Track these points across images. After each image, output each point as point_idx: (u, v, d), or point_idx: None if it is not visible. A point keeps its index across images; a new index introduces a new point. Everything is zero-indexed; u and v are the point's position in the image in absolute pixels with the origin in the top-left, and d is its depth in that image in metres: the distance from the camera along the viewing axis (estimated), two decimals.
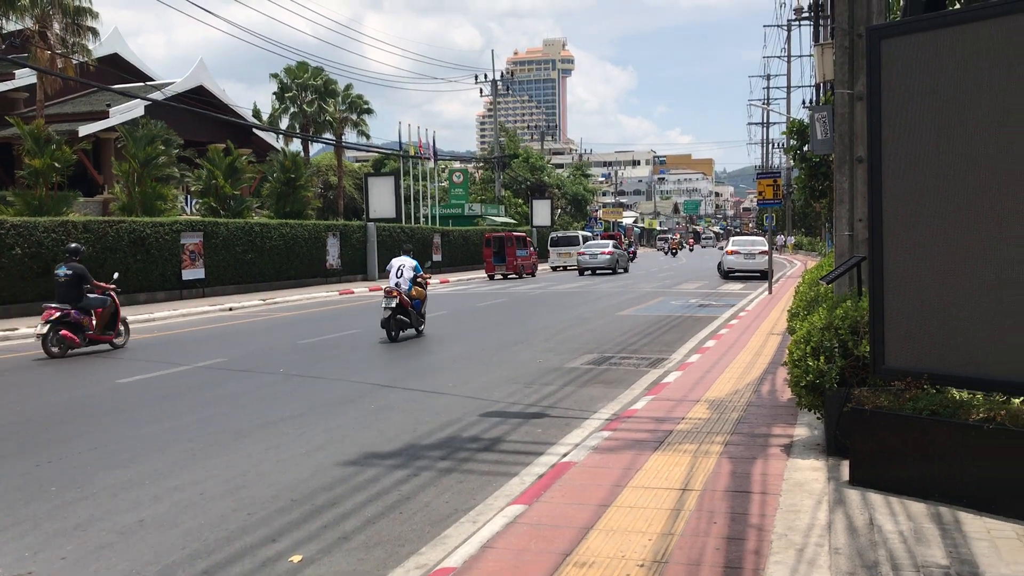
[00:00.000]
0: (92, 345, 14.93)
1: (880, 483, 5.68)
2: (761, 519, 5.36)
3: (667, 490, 6.01)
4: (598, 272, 41.84)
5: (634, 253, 56.06)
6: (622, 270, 43.22)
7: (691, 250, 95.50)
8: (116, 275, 16.27)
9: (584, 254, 42.24)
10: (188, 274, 26.61)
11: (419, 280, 16.30)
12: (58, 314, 14.19)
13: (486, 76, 60.48)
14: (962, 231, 5.51)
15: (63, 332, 14.25)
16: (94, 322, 14.80)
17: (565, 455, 7.14)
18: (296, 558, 5.16)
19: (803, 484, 5.99)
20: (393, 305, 15.46)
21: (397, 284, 15.77)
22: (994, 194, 5.36)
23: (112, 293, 15.21)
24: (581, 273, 41.76)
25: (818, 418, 7.22)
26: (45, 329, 14.10)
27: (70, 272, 14.59)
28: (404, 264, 16.10)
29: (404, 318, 15.83)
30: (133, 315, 20.71)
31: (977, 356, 5.48)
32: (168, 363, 13.22)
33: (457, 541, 5.21)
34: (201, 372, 12.34)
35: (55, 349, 14.20)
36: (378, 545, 5.36)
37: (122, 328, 15.48)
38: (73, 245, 15.25)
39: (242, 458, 7.47)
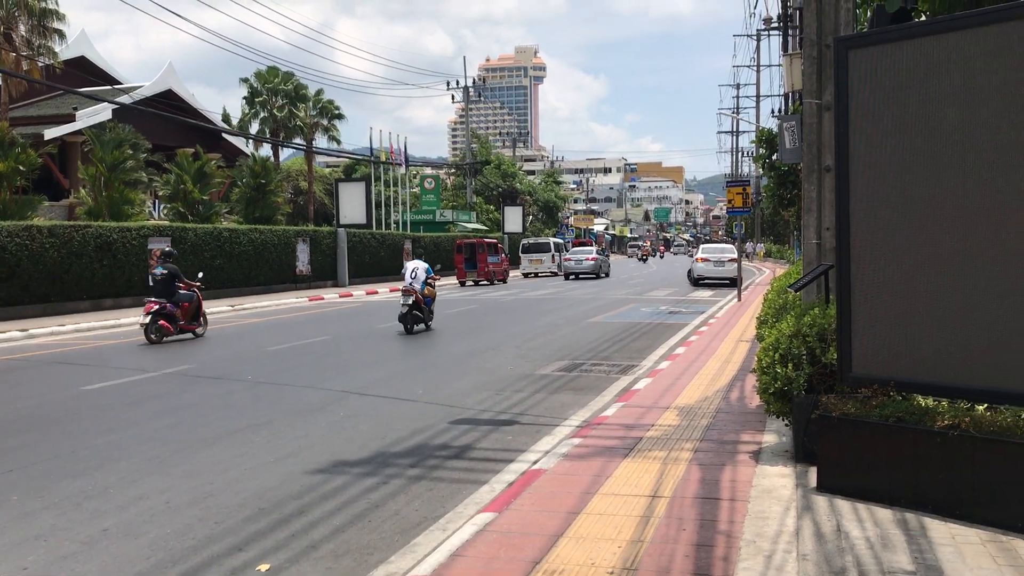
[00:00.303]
0: (181, 334, 17.21)
1: (847, 489, 5.73)
2: (730, 526, 5.38)
3: (637, 497, 6.02)
4: (581, 276, 43.57)
5: None
6: (604, 275, 45.20)
7: (661, 257, 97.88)
8: (200, 275, 18.70)
9: (570, 260, 44.44)
10: None
11: (429, 281, 18.45)
12: (157, 307, 16.64)
13: (458, 82, 60.58)
14: (928, 240, 5.58)
15: (161, 322, 16.56)
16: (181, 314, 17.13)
17: (535, 462, 7.13)
18: (264, 567, 5.10)
19: (771, 491, 6.03)
20: (410, 302, 17.76)
21: (411, 284, 17.93)
22: (959, 203, 5.43)
23: (196, 289, 17.53)
24: (567, 277, 43.63)
25: (786, 425, 7.27)
26: (147, 320, 16.54)
27: (165, 271, 17.09)
28: (417, 267, 18.24)
29: (418, 313, 18.05)
30: (98, 321, 20.47)
31: (942, 364, 5.54)
32: (134, 369, 13.06)
33: (427, 549, 5.18)
34: (168, 378, 12.20)
35: (153, 336, 16.47)
36: (347, 554, 5.32)
37: (202, 320, 17.88)
38: (168, 249, 18.03)
39: (209, 466, 7.39)
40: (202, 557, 5.29)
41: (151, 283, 18.69)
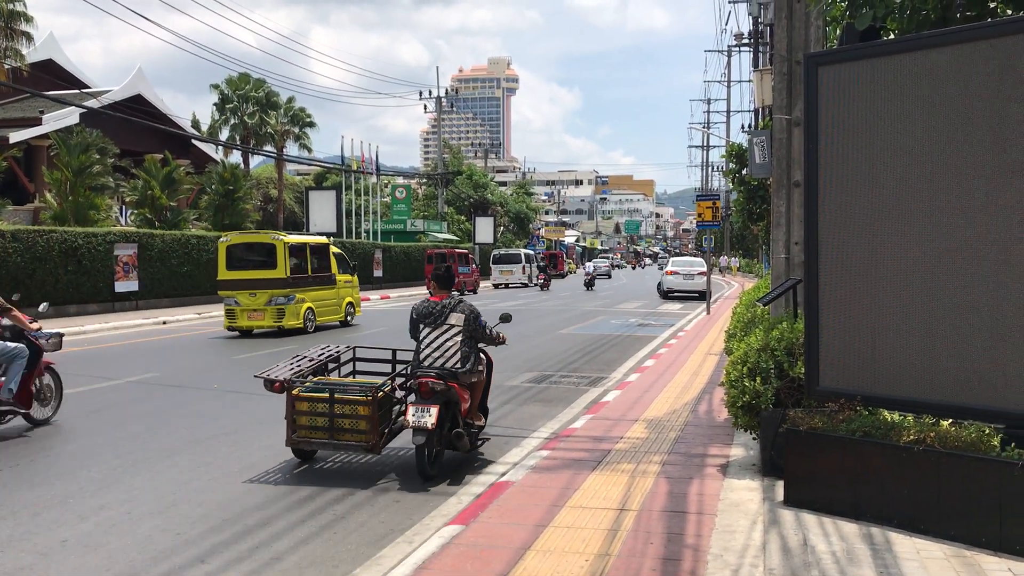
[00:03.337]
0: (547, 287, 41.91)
1: (814, 503, 5.75)
2: (697, 539, 5.37)
3: (605, 510, 6.01)
4: (597, 278, 56.89)
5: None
6: (610, 276, 64.98)
7: (642, 268, 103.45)
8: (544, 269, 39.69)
9: (592, 265, 62.76)
10: (121, 286, 25.98)
11: (602, 271, 56.75)
12: (544, 278, 42.68)
13: (431, 92, 60.39)
14: (895, 255, 5.63)
15: (544, 284, 42.43)
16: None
17: (503, 474, 7.10)
18: None
19: (739, 504, 6.04)
20: (588, 279, 43.24)
21: (590, 271, 46.74)
22: (924, 219, 5.49)
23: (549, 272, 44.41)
24: (592, 280, 56.30)
25: (754, 438, 7.29)
26: (541, 281, 42.94)
27: (531, 253, 39.47)
28: (587, 265, 50.04)
29: (593, 283, 43.15)
30: (62, 327, 20.11)
31: (908, 378, 5.59)
32: (97, 377, 12.85)
33: (392, 562, 5.12)
34: (131, 387, 12.02)
35: (541, 288, 38.46)
36: (312, 566, 5.25)
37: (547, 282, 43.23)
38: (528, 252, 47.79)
39: (172, 476, 7.28)
40: (162, 569, 5.19)
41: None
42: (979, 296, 5.27)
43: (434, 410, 6.88)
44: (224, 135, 49.09)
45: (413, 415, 6.91)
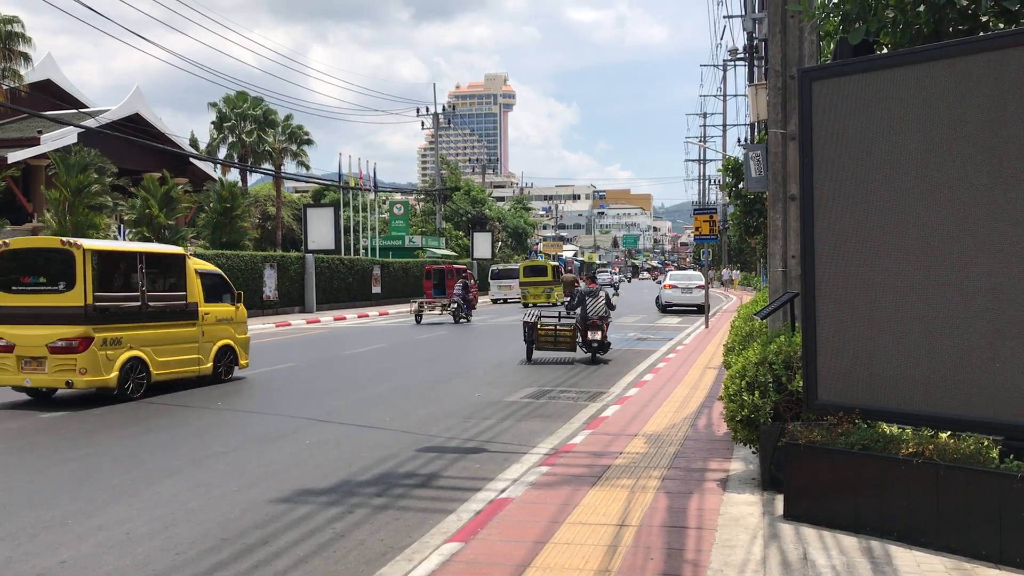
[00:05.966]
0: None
1: (814, 517, 5.74)
2: (697, 554, 5.36)
3: (604, 526, 5.99)
4: (606, 287, 66.77)
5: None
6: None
7: (656, 280, 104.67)
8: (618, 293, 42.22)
9: (618, 276, 76.96)
10: None
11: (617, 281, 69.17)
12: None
13: (428, 109, 60.59)
14: (891, 268, 5.65)
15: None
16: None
17: (503, 491, 7.09)
18: None
19: (738, 519, 6.03)
20: (615, 286, 57.49)
21: (616, 280, 60.94)
22: (921, 231, 5.51)
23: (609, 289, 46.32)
24: (617, 287, 64.27)
25: (753, 452, 7.28)
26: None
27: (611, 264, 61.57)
28: (613, 275, 66.74)
29: (618, 290, 55.04)
30: None
31: (907, 391, 5.59)
32: (94, 397, 12.82)
33: None
34: (128, 406, 12.00)
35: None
36: None
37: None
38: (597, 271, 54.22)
39: (171, 495, 7.26)
40: None
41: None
42: (976, 308, 5.28)
43: (600, 332, 16.39)
44: (222, 153, 49.18)
45: (590, 333, 16.34)
